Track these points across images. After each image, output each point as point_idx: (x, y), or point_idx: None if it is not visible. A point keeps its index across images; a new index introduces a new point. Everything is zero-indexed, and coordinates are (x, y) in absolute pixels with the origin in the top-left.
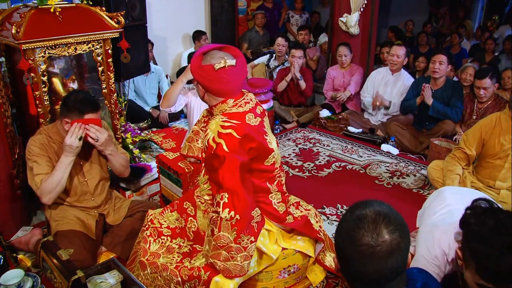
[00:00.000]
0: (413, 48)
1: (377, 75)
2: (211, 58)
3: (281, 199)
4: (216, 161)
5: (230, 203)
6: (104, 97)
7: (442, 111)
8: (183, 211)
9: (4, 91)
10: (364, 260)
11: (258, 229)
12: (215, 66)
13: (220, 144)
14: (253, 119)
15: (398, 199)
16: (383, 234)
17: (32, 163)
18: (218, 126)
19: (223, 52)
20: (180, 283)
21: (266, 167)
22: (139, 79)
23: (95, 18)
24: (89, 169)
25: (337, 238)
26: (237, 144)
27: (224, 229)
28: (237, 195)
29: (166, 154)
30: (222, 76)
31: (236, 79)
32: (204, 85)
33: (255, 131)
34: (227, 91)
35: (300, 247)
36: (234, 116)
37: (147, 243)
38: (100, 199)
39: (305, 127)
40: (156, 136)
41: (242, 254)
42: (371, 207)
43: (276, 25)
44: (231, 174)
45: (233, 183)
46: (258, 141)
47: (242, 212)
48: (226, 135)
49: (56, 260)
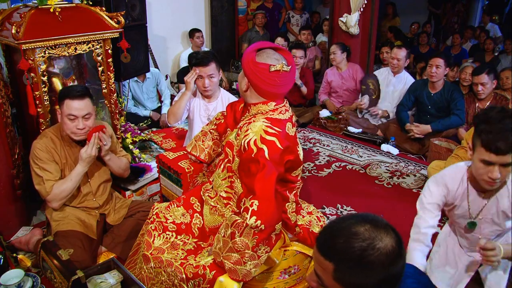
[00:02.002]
0: (414, 48)
1: (379, 75)
2: (267, 57)
3: (295, 209)
4: (254, 166)
5: (259, 212)
6: (104, 97)
7: (446, 126)
8: (190, 207)
9: (4, 91)
10: (397, 263)
11: (275, 241)
12: (271, 68)
13: (262, 150)
14: (291, 129)
15: (398, 199)
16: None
17: (41, 170)
18: (262, 130)
19: (279, 55)
20: (184, 280)
21: (292, 178)
22: (135, 87)
23: (95, 18)
24: (92, 170)
25: (366, 281)
26: (278, 154)
27: (246, 236)
28: (268, 205)
29: (166, 154)
30: (275, 79)
31: (286, 85)
32: (253, 81)
33: (293, 142)
34: (274, 94)
35: (302, 247)
36: (277, 123)
37: (151, 236)
38: (102, 200)
39: (305, 127)
40: (156, 136)
41: (254, 262)
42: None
43: (276, 25)
44: (267, 184)
45: (267, 193)
46: (296, 154)
47: (268, 223)
48: (269, 142)
49: (56, 260)
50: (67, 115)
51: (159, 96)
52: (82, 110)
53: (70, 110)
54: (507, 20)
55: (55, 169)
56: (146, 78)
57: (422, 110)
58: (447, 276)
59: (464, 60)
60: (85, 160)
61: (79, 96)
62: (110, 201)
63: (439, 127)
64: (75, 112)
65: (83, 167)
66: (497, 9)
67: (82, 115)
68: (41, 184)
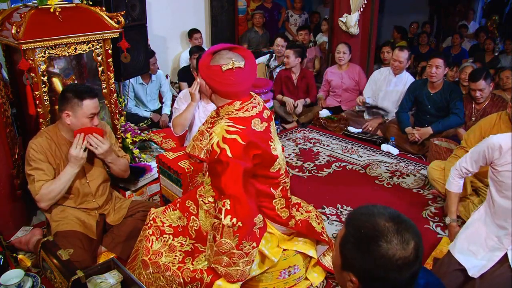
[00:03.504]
0: (414, 48)
1: (379, 75)
2: (219, 58)
3: (285, 204)
4: (219, 166)
5: (232, 210)
6: (104, 97)
7: (446, 126)
8: (186, 210)
9: (4, 91)
10: (401, 271)
11: (260, 235)
12: (223, 67)
13: (224, 150)
14: (259, 125)
15: (398, 199)
16: (409, 240)
17: (33, 169)
18: (223, 130)
19: (233, 53)
20: (182, 284)
21: (272, 173)
22: (139, 88)
23: (95, 18)
24: (90, 171)
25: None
26: (241, 150)
27: (226, 236)
28: (239, 202)
29: (166, 154)
30: (229, 78)
31: (244, 81)
32: (211, 85)
33: (260, 137)
34: (234, 93)
35: (301, 248)
36: (240, 121)
37: (149, 241)
38: (101, 200)
39: (305, 127)
40: (156, 136)
41: (244, 260)
42: (381, 215)
43: (275, 25)
44: (234, 181)
45: (236, 190)
46: (263, 148)
47: (244, 219)
48: (230, 140)
49: (56, 260)
50: (88, 115)
51: (160, 97)
52: (98, 108)
53: (91, 109)
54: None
55: (47, 169)
56: (151, 80)
57: (421, 110)
58: (474, 256)
59: (464, 60)
60: (71, 159)
61: (94, 95)
62: (110, 201)
63: (439, 127)
64: (95, 110)
65: (71, 168)
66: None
67: (97, 112)
68: (32, 183)
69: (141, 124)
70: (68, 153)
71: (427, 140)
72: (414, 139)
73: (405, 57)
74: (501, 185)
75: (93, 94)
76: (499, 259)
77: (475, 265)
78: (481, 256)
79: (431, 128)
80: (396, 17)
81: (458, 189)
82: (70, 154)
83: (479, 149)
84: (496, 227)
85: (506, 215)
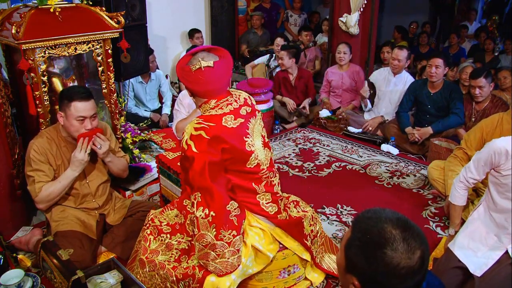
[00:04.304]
0: (414, 48)
1: (379, 75)
2: (193, 59)
3: (271, 199)
4: (186, 162)
5: (203, 201)
6: (104, 97)
7: (446, 126)
8: (183, 208)
9: (4, 91)
10: (405, 280)
11: (239, 222)
12: (192, 68)
13: (190, 146)
14: (232, 121)
15: (398, 199)
16: (415, 249)
17: (33, 170)
18: (192, 128)
19: (207, 53)
20: (175, 282)
21: (249, 169)
22: (138, 87)
23: (95, 18)
24: (90, 171)
25: (363, 266)
26: (205, 144)
27: (203, 228)
28: (208, 192)
29: (166, 154)
30: (199, 77)
31: (215, 80)
32: (187, 86)
33: (231, 133)
34: (206, 92)
35: (296, 250)
36: (210, 119)
37: (147, 241)
38: (101, 200)
39: (305, 127)
40: (156, 136)
41: (229, 250)
42: (388, 221)
43: (274, 25)
44: (200, 173)
45: (202, 182)
46: (231, 144)
47: (216, 209)
48: (195, 136)
49: (56, 260)
50: (76, 118)
51: (160, 97)
52: (90, 111)
53: (80, 112)
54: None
55: (48, 170)
56: (150, 79)
57: (421, 110)
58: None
59: (462, 59)
60: (74, 163)
61: (85, 97)
62: (110, 201)
63: (439, 127)
64: (84, 113)
65: (73, 171)
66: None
67: (90, 115)
68: (32, 184)
69: (141, 124)
70: (72, 156)
71: (427, 140)
72: (414, 139)
73: (404, 56)
74: (504, 187)
75: (85, 96)
76: (499, 258)
77: (475, 263)
78: (481, 254)
79: (431, 128)
80: (396, 17)
81: (464, 202)
82: (75, 157)
83: (483, 156)
84: (495, 226)
85: (506, 215)
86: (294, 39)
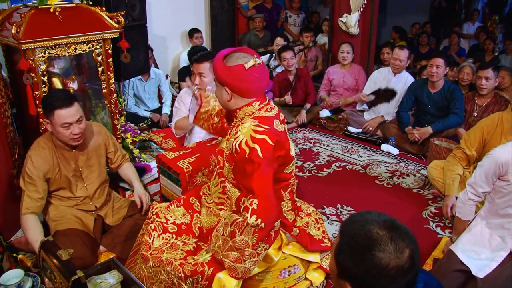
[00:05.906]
0: (414, 48)
1: (379, 75)
2: (237, 59)
3: (291, 207)
4: (249, 166)
5: (258, 211)
6: (104, 97)
7: (446, 126)
8: (190, 207)
9: (4, 91)
10: (396, 280)
11: (274, 238)
12: (246, 65)
13: (255, 150)
14: (280, 125)
15: (398, 199)
16: (403, 249)
17: (25, 184)
18: (251, 130)
19: (244, 53)
20: (182, 278)
21: (285, 175)
22: (138, 85)
23: (95, 18)
24: (88, 175)
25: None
26: (271, 151)
27: (246, 234)
28: (267, 203)
29: (166, 154)
30: (252, 74)
31: (264, 77)
32: (234, 85)
33: (284, 138)
34: (255, 89)
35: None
36: (264, 121)
37: (150, 237)
38: (99, 203)
39: (305, 127)
40: (156, 136)
41: (253, 259)
42: (375, 223)
43: (275, 25)
44: (265, 182)
45: (265, 191)
46: (286, 149)
47: (268, 221)
48: (260, 140)
49: (56, 260)
50: (61, 125)
51: (159, 97)
52: (74, 116)
53: (64, 119)
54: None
55: (40, 186)
56: (150, 77)
57: (422, 109)
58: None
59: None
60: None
61: (67, 103)
62: (109, 202)
63: (439, 127)
64: (69, 119)
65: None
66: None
67: (75, 120)
68: (22, 198)
69: (141, 124)
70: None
71: (427, 140)
72: (414, 139)
73: (405, 56)
74: (508, 194)
75: (67, 103)
76: (502, 260)
77: (478, 265)
78: (484, 256)
79: (431, 128)
80: (397, 17)
81: (472, 216)
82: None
83: (489, 169)
84: (499, 228)
85: (509, 216)
86: (294, 39)
